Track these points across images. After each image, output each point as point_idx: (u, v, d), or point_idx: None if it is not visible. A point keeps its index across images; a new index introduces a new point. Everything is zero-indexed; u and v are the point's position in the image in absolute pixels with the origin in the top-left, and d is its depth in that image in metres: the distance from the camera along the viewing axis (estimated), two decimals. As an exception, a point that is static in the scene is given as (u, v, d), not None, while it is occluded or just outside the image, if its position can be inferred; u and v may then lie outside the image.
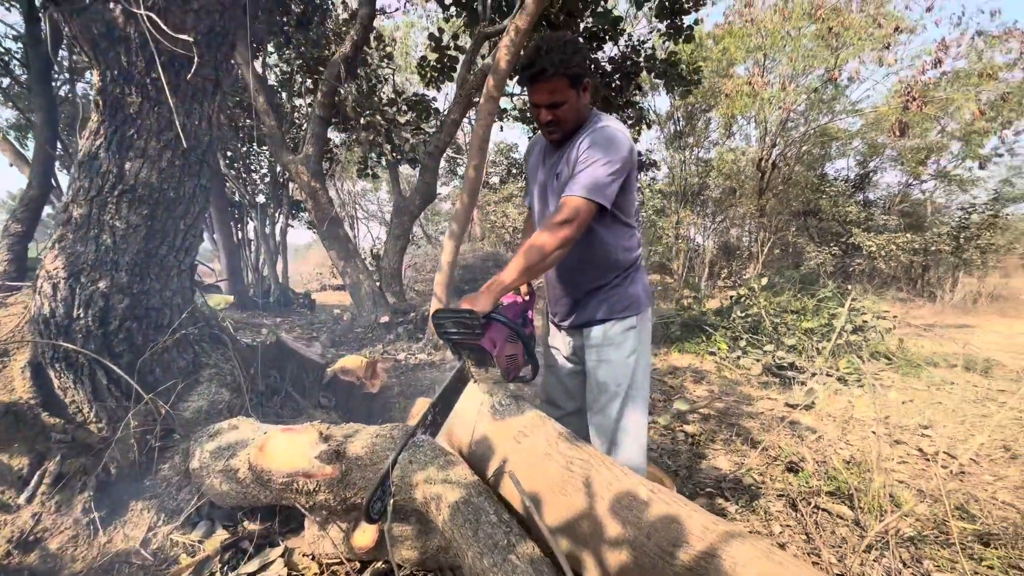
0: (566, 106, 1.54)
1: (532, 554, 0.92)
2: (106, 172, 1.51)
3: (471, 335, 1.42)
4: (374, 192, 21.04)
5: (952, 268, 13.57)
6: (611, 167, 1.45)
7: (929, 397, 5.06)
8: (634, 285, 1.72)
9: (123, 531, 1.35)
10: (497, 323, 1.47)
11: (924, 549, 2.28)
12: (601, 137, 1.49)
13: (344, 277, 6.41)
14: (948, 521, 2.44)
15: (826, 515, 2.56)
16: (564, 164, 1.61)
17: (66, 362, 1.47)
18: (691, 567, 0.98)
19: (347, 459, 1.39)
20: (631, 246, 1.70)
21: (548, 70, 1.48)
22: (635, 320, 1.70)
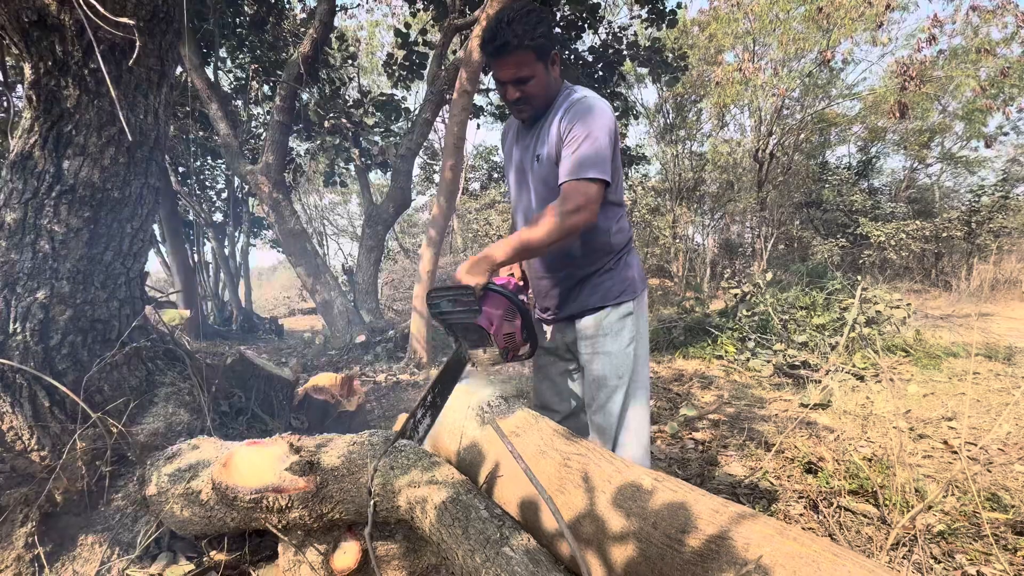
0: (534, 81, 1.54)
1: (528, 545, 0.92)
2: (42, 172, 1.50)
3: (468, 312, 1.43)
4: (343, 205, 21.03)
5: (965, 255, 13.93)
6: (601, 139, 1.46)
7: (951, 388, 5.16)
8: (628, 268, 1.72)
9: (72, 567, 1.32)
10: (493, 297, 1.48)
11: (956, 543, 2.31)
12: (581, 109, 1.50)
13: (314, 296, 6.38)
14: (979, 512, 2.48)
15: (850, 514, 2.58)
16: (541, 145, 1.62)
17: (2, 383, 1.44)
18: (701, 552, 0.99)
19: (322, 470, 1.38)
20: (622, 227, 1.71)
21: (511, 42, 1.48)
22: (631, 305, 1.70)
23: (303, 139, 8.18)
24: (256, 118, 8.96)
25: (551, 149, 1.57)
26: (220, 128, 6.15)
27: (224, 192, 8.99)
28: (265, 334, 8.54)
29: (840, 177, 15.28)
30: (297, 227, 6.07)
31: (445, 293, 1.47)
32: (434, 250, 5.48)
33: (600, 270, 1.70)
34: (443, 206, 5.37)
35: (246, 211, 9.00)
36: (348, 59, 7.90)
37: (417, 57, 7.12)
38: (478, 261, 1.48)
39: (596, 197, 1.45)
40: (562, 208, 1.43)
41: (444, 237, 5.60)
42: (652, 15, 7.04)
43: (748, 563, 0.92)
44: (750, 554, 0.95)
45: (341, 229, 20.14)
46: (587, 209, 1.43)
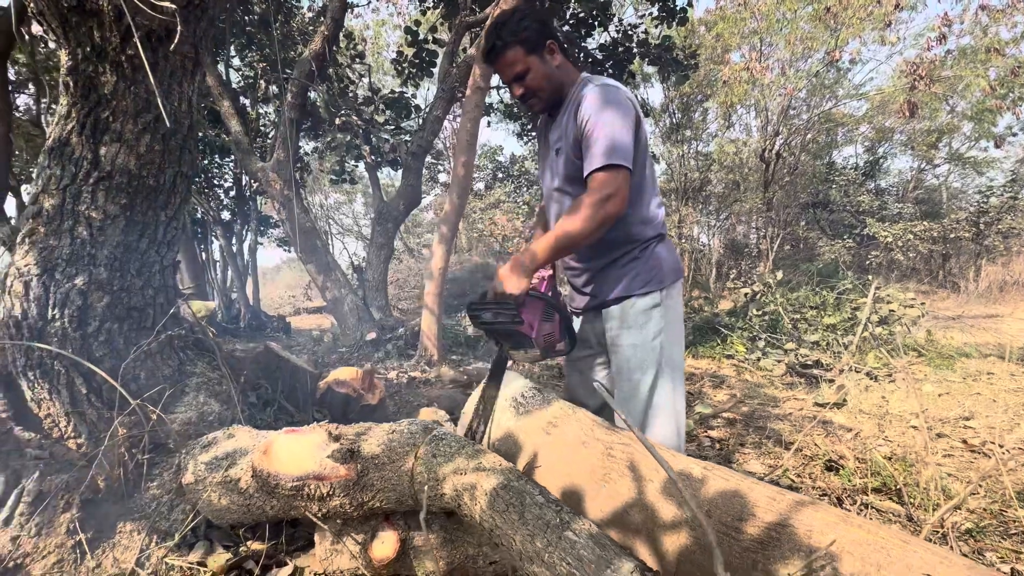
0: (531, 74, 1.57)
1: (590, 529, 0.91)
2: (79, 158, 1.49)
3: (510, 323, 1.45)
4: (348, 204, 21.05)
5: (974, 256, 13.87)
6: (621, 124, 1.45)
7: (966, 388, 5.13)
8: (657, 258, 1.68)
9: (112, 554, 1.31)
10: (531, 302, 1.50)
11: (984, 541, 2.29)
12: (598, 96, 1.49)
13: (324, 293, 6.37)
14: (1007, 510, 2.46)
15: (875, 512, 2.56)
16: (560, 137, 1.62)
17: (40, 370, 1.43)
18: (761, 540, 0.98)
19: (362, 458, 1.37)
20: (647, 216, 1.65)
21: (498, 44, 1.54)
22: (658, 296, 1.65)
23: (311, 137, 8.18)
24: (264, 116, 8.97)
25: (568, 140, 1.57)
26: (232, 125, 6.16)
27: (232, 190, 8.98)
28: (273, 332, 8.53)
29: (847, 177, 15.25)
30: (308, 224, 6.07)
31: (486, 306, 1.49)
32: (446, 247, 5.47)
33: (624, 259, 1.67)
34: (455, 203, 5.36)
35: (254, 209, 9.00)
36: (356, 57, 7.90)
37: (427, 55, 7.12)
38: (516, 266, 1.48)
39: (624, 184, 1.43)
40: (592, 198, 1.42)
41: (455, 233, 5.59)
42: (663, 13, 7.03)
43: (814, 550, 0.90)
44: (814, 541, 0.94)
45: (346, 228, 20.17)
46: (617, 197, 1.42)
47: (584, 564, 0.83)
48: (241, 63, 8.17)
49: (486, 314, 1.50)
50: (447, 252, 5.50)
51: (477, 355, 6.62)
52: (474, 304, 1.53)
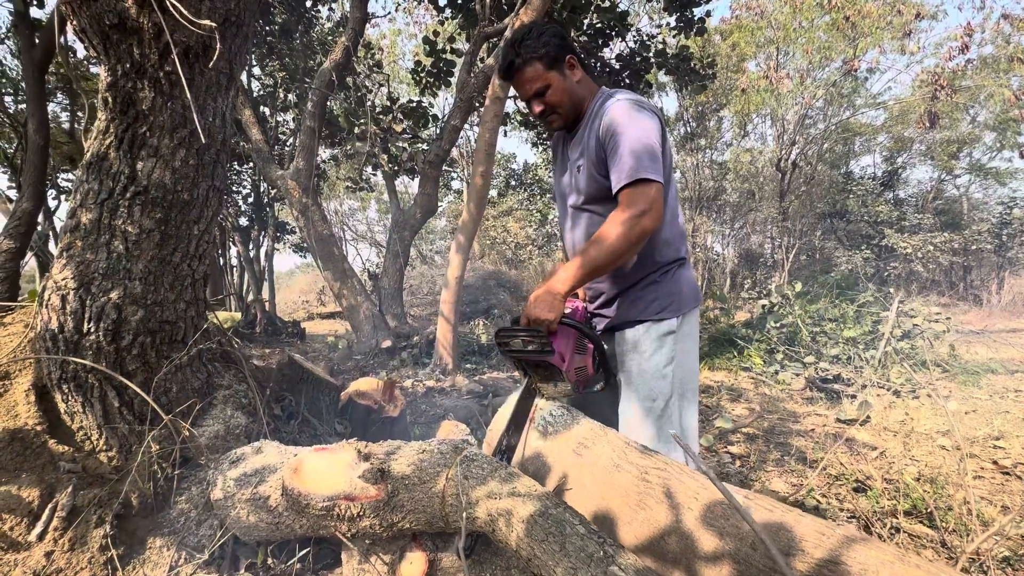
0: (551, 90, 1.53)
1: (636, 564, 0.88)
2: (117, 173, 1.51)
3: (540, 352, 1.40)
4: (362, 211, 21.24)
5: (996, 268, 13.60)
6: (649, 136, 1.41)
7: (993, 406, 5.00)
8: (677, 283, 1.62)
9: (143, 570, 1.31)
10: (563, 329, 1.46)
11: (1022, 569, 2.22)
12: (622, 109, 1.45)
13: (340, 300, 6.41)
14: (1044, 537, 2.38)
15: (906, 536, 2.49)
16: (581, 155, 1.57)
17: (75, 383, 1.44)
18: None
19: (392, 479, 1.35)
20: (669, 238, 1.60)
21: (516, 61, 1.50)
22: (674, 323, 1.59)
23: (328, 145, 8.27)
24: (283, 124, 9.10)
25: (591, 157, 1.52)
26: (252, 134, 6.24)
27: (250, 196, 9.11)
28: (288, 337, 8.59)
29: (865, 187, 15.06)
30: (326, 232, 6.11)
31: (516, 333, 1.45)
32: (462, 256, 5.47)
33: (643, 282, 1.61)
34: (473, 212, 5.37)
35: (271, 216, 9.11)
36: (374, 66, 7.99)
37: (445, 64, 7.18)
38: (547, 293, 1.43)
39: (657, 197, 1.37)
40: (626, 215, 1.36)
41: (472, 242, 5.60)
42: (681, 23, 7.02)
43: (870, 590, 0.87)
44: (868, 581, 0.90)
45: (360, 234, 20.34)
46: (652, 212, 1.36)
47: (633, 602, 0.81)
48: (261, 72, 8.31)
49: (515, 341, 1.46)
50: (464, 261, 5.50)
51: (491, 364, 6.61)
52: (503, 331, 1.48)
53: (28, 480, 1.28)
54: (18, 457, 1.32)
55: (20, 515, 1.24)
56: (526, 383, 1.66)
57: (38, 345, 1.46)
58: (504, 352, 1.52)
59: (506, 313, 11.19)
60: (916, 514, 2.64)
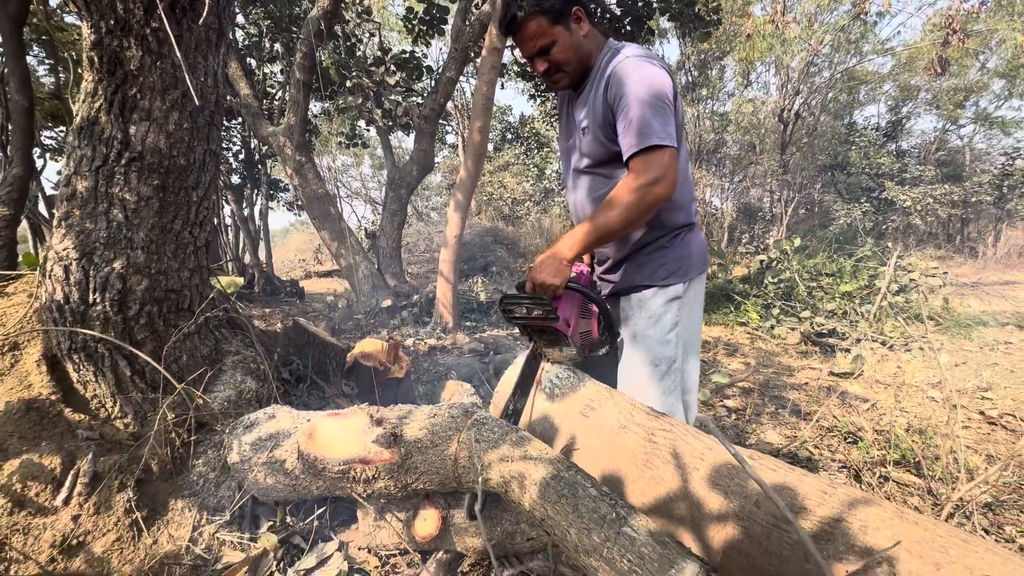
0: (557, 46, 1.44)
1: (649, 526, 0.92)
2: (110, 138, 1.46)
3: (545, 318, 1.40)
4: (356, 167, 20.80)
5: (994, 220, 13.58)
6: (660, 98, 1.34)
7: (983, 358, 5.11)
8: (686, 247, 1.60)
9: (167, 531, 1.36)
10: (568, 294, 1.45)
11: (1004, 515, 2.32)
12: (631, 68, 1.37)
13: (338, 260, 6.37)
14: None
15: (894, 485, 2.59)
16: (587, 115, 1.51)
17: (85, 352, 1.45)
18: (814, 534, 0.99)
19: (405, 442, 1.39)
20: (678, 203, 1.56)
21: (519, 14, 1.41)
22: (680, 289, 1.58)
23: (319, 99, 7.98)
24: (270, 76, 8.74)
25: (597, 119, 1.46)
26: (240, 88, 6.01)
27: (240, 153, 8.87)
28: (287, 297, 8.60)
29: (868, 139, 14.78)
30: (321, 191, 6.00)
31: (521, 300, 1.44)
32: (461, 214, 5.41)
33: (651, 247, 1.59)
34: (471, 169, 5.26)
35: (264, 173, 8.91)
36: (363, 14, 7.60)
37: (437, 11, 6.83)
38: (552, 257, 1.41)
39: (670, 164, 1.32)
40: (638, 182, 1.32)
41: (471, 200, 5.52)
42: (686, -35, 6.66)
43: (869, 546, 0.91)
44: (869, 537, 0.94)
45: (354, 191, 20.00)
46: (665, 179, 1.31)
47: (646, 562, 0.85)
48: (245, 21, 7.90)
49: (520, 308, 1.46)
50: (462, 219, 5.44)
51: (491, 321, 6.66)
52: (508, 297, 1.48)
53: (48, 448, 1.31)
54: (36, 426, 1.34)
55: (44, 482, 1.27)
56: (531, 348, 1.68)
57: (44, 316, 1.46)
58: (509, 319, 1.52)
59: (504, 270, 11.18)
60: (905, 464, 2.74)
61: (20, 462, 1.26)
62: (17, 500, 1.23)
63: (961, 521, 2.24)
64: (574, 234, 1.42)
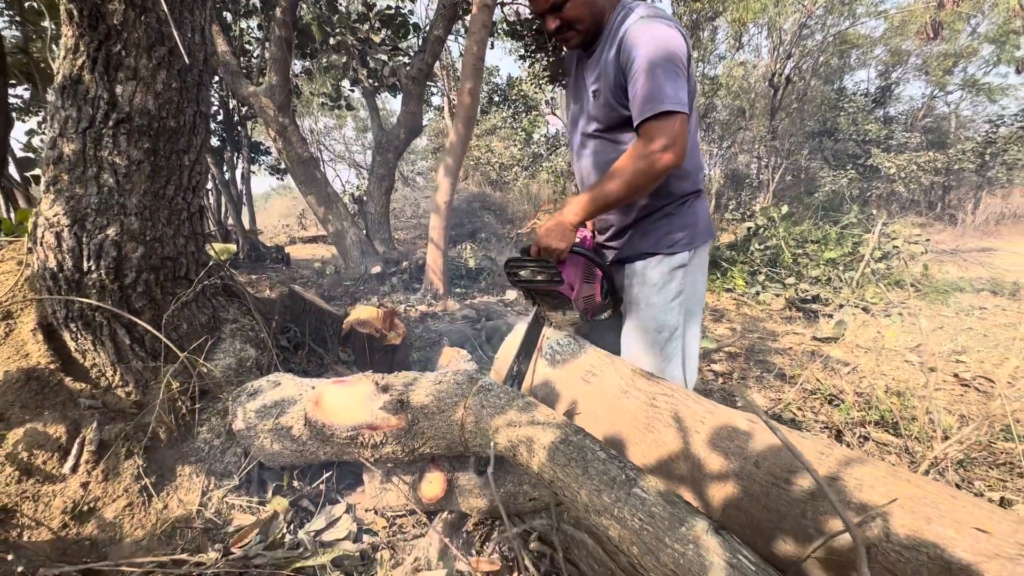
0: (571, 2, 1.38)
1: (658, 486, 0.95)
2: (95, 98, 1.39)
3: (550, 282, 1.41)
4: (338, 130, 20.20)
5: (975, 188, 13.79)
6: (673, 63, 1.30)
7: (959, 323, 5.28)
8: (692, 216, 1.59)
9: (176, 496, 1.37)
10: (572, 258, 1.46)
11: (974, 471, 2.45)
12: (645, 30, 1.32)
13: (326, 225, 6.27)
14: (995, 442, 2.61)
15: (874, 444, 2.71)
16: (598, 78, 1.46)
17: (82, 321, 1.42)
18: (812, 492, 1.03)
19: (412, 408, 1.41)
20: (690, 169, 1.54)
21: None
22: (685, 257, 1.58)
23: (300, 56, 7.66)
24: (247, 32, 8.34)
25: (609, 82, 1.42)
26: (217, 44, 5.73)
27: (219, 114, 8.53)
28: (272, 263, 8.47)
29: (857, 104, 14.74)
30: (306, 154, 5.84)
31: (526, 263, 1.44)
32: (451, 180, 5.33)
33: (658, 214, 1.58)
34: (461, 133, 5.15)
35: (244, 135, 8.60)
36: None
37: (424, -36, 6.55)
38: (559, 223, 1.41)
39: (681, 131, 1.30)
40: (648, 149, 1.30)
41: (461, 165, 5.42)
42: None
43: (864, 503, 0.96)
44: (863, 494, 0.99)
45: (338, 155, 19.48)
46: (676, 147, 1.29)
47: (656, 520, 0.88)
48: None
49: (524, 271, 1.47)
50: (452, 185, 5.36)
51: (480, 288, 6.67)
52: (513, 260, 1.48)
53: (52, 417, 1.30)
54: (37, 396, 1.33)
55: (50, 450, 1.27)
56: (534, 312, 1.70)
57: (38, 284, 1.42)
58: (514, 282, 1.53)
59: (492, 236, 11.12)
60: (883, 424, 2.86)
61: (24, 431, 1.25)
62: (24, 468, 1.23)
63: (936, 477, 2.36)
64: (580, 199, 1.42)
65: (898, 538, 0.91)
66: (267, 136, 6.30)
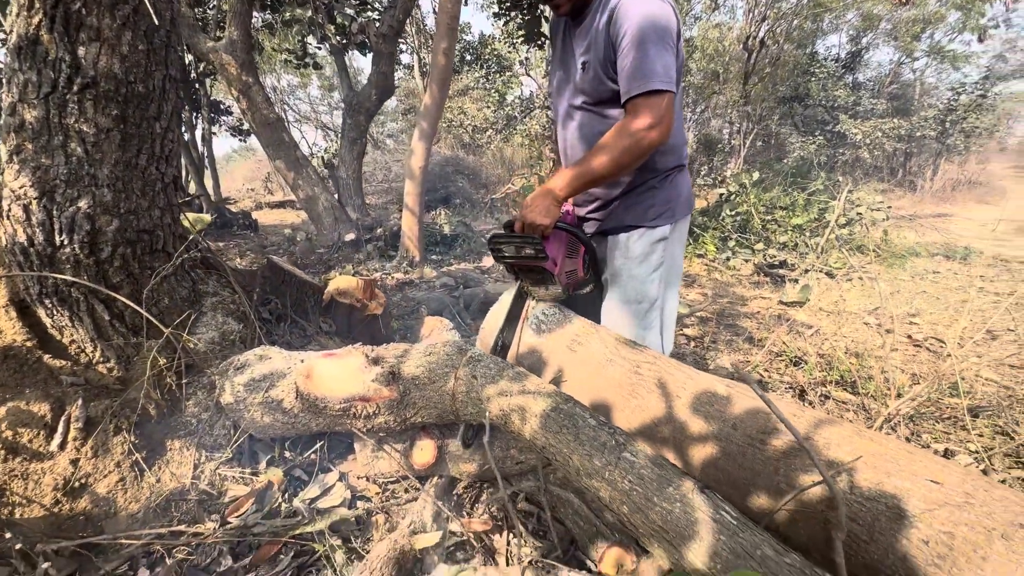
0: None
1: (646, 451, 1.02)
2: (56, 60, 1.30)
3: (534, 258, 1.43)
4: (303, 88, 19.30)
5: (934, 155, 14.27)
6: (663, 38, 1.30)
7: (914, 287, 5.58)
8: (675, 189, 1.62)
9: (168, 470, 1.38)
10: (557, 235, 1.48)
11: (922, 424, 2.65)
12: (635, 4, 1.31)
13: (296, 191, 6.09)
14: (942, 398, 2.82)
15: (833, 402, 2.89)
16: (587, 50, 1.45)
17: (57, 297, 1.37)
18: (784, 450, 1.12)
19: (403, 380, 1.43)
20: (675, 144, 1.56)
21: None
22: (667, 230, 1.62)
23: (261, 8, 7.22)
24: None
25: (598, 54, 1.41)
26: (171, -7, 5.35)
27: (175, 70, 8.04)
28: (240, 230, 8.21)
29: (827, 70, 14.89)
30: (272, 116, 5.60)
31: (511, 239, 1.45)
32: (426, 144, 5.21)
33: (641, 188, 1.60)
34: (436, 95, 5.01)
35: (203, 94, 8.16)
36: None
37: (392, -90, 6.16)
38: (542, 198, 1.42)
39: (668, 109, 1.32)
40: (635, 127, 1.31)
41: (436, 128, 5.30)
42: None
43: (832, 460, 1.05)
44: (831, 452, 1.08)
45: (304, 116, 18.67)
46: (662, 125, 1.32)
47: (645, 482, 0.95)
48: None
49: (509, 247, 1.48)
50: (427, 149, 5.25)
51: (456, 255, 6.64)
52: (497, 237, 1.49)
53: (34, 395, 1.28)
54: (16, 374, 1.30)
55: (35, 428, 1.26)
56: (517, 286, 1.73)
57: (8, 259, 1.36)
58: (498, 258, 1.55)
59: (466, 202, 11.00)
60: (843, 383, 3.04)
61: (7, 410, 1.23)
62: (10, 447, 1.21)
63: (888, 432, 2.55)
64: (565, 175, 1.43)
65: (861, 491, 1.00)
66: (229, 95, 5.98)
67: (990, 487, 0.93)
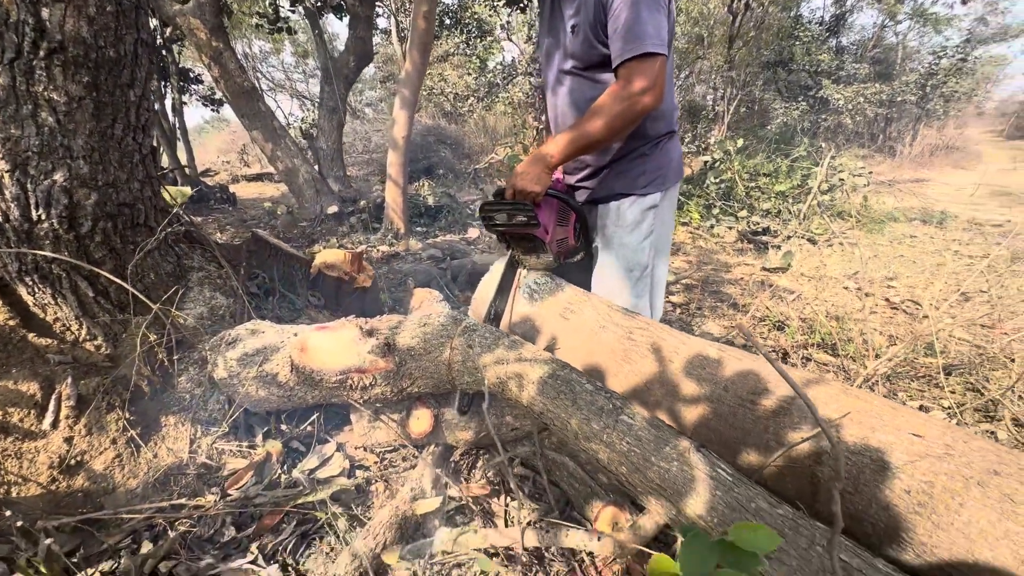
0: None
1: (643, 413, 1.04)
2: (19, 23, 1.22)
3: (526, 226, 1.42)
4: (275, 55, 18.54)
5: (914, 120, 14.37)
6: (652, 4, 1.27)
7: (892, 251, 5.70)
8: (665, 156, 1.61)
9: (164, 445, 1.38)
10: (548, 203, 1.47)
11: (898, 383, 2.75)
12: None
13: (275, 163, 5.91)
14: (918, 358, 2.92)
15: (815, 364, 2.98)
16: (577, 12, 1.41)
17: (38, 275, 1.33)
18: (774, 410, 1.16)
19: (399, 351, 1.44)
20: (665, 110, 1.55)
21: None
22: (657, 198, 1.61)
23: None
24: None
25: (588, 17, 1.38)
26: (131, -48, 5.03)
27: (140, 36, 7.64)
28: (217, 204, 7.99)
29: (811, 33, 14.76)
30: (247, 84, 5.38)
31: (502, 207, 1.43)
32: (408, 112, 5.08)
33: (632, 155, 1.59)
34: (417, 61, 4.86)
35: (172, 61, 7.79)
36: None
37: None
38: (534, 165, 1.40)
39: (660, 73, 1.30)
40: (626, 91, 1.29)
41: (418, 96, 5.16)
42: None
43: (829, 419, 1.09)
44: (821, 410, 1.12)
45: (278, 84, 17.99)
46: (655, 89, 1.30)
47: (643, 443, 0.97)
48: None
49: (500, 215, 1.46)
50: (410, 118, 5.12)
51: (441, 226, 6.58)
52: (488, 205, 1.48)
53: (22, 374, 1.26)
54: (1, 354, 1.27)
55: (25, 407, 1.24)
56: (508, 255, 1.72)
57: (-18, 236, 1.31)
58: (489, 227, 1.54)
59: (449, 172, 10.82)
60: (824, 346, 3.13)
61: (-6, 390, 1.21)
62: (0, 427, 1.19)
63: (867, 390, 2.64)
64: (557, 141, 1.41)
65: (847, 445, 1.04)
66: (199, 63, 5.73)
67: (969, 439, 0.98)
